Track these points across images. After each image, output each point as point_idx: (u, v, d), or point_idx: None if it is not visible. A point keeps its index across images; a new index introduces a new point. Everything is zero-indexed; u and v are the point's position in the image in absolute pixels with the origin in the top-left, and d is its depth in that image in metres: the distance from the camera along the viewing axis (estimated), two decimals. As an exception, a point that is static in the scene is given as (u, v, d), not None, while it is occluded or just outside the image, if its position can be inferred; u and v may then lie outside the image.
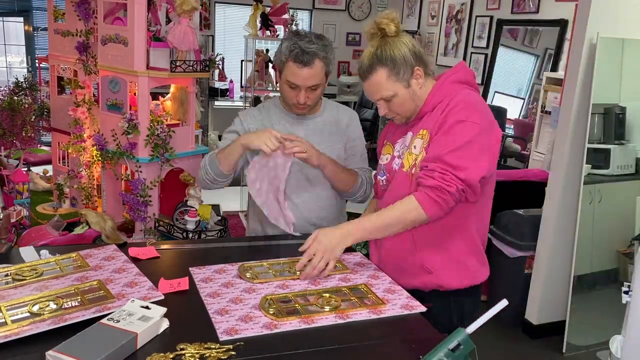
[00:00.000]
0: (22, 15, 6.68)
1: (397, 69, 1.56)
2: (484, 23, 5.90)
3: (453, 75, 1.62)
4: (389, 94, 1.58)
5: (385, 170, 1.70)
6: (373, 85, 1.59)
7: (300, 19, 7.59)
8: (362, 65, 1.60)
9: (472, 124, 1.48)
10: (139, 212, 2.83)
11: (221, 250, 1.77)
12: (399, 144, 1.68)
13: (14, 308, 1.26)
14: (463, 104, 1.51)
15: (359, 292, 1.46)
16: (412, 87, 1.59)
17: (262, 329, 1.24)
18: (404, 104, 1.60)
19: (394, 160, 1.68)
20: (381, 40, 1.58)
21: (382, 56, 1.56)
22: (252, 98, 4.54)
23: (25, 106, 3.69)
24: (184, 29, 2.75)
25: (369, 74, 1.58)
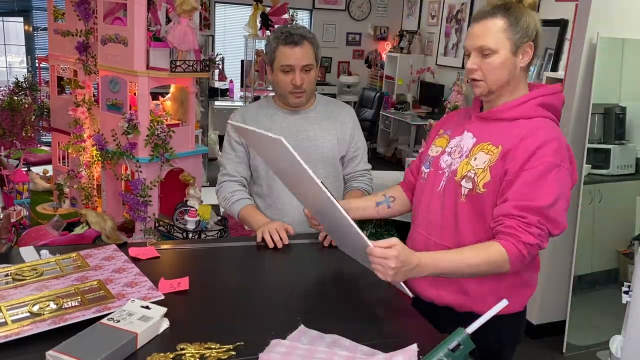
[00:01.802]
0: (22, 15, 6.68)
1: (516, 28, 1.40)
2: (484, 23, 5.90)
3: (543, 97, 1.46)
4: (492, 47, 1.41)
5: (432, 164, 1.57)
6: (484, 29, 1.42)
7: (300, 19, 7.59)
8: (483, 7, 1.45)
9: (566, 170, 1.38)
10: (139, 212, 2.83)
11: (221, 251, 1.77)
12: (454, 141, 1.53)
13: (14, 308, 1.26)
14: (555, 144, 1.37)
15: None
16: (517, 57, 1.43)
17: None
18: (499, 68, 1.42)
19: (442, 156, 1.54)
20: (514, 4, 1.43)
21: (510, 8, 1.41)
22: (252, 98, 4.54)
23: (25, 106, 3.69)
24: (184, 29, 2.75)
25: (486, 17, 1.42)
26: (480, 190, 1.42)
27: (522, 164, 1.36)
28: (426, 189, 1.57)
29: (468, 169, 1.45)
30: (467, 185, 1.44)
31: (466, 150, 1.48)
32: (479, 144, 1.46)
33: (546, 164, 1.35)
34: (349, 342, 1.20)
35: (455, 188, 1.47)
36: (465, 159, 1.47)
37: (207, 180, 5.72)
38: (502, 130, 1.44)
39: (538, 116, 1.43)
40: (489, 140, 1.45)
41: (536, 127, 1.40)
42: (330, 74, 8.08)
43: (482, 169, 1.42)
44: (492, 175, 1.41)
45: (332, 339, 1.20)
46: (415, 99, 7.09)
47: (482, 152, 1.44)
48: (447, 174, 1.50)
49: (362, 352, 1.17)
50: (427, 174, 1.57)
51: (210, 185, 5.71)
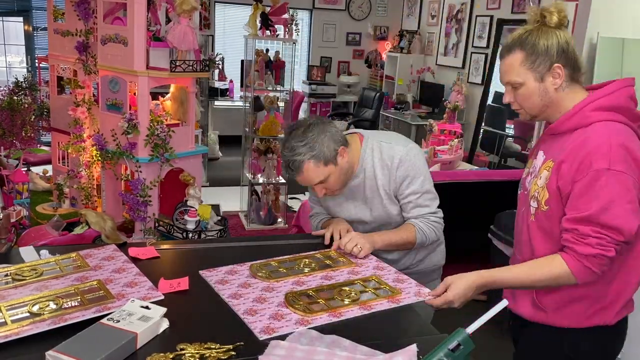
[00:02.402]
0: (22, 15, 6.68)
1: (534, 57, 1.42)
2: (484, 23, 5.90)
3: (599, 100, 1.40)
4: (518, 81, 1.45)
5: (521, 186, 1.61)
6: (506, 65, 1.47)
7: (300, 19, 7.59)
8: (505, 42, 1.50)
9: (618, 173, 1.31)
10: (139, 212, 2.83)
11: (221, 251, 1.77)
12: (534, 162, 1.55)
13: (14, 308, 1.26)
14: (604, 148, 1.32)
15: (373, 283, 1.51)
16: (546, 83, 1.43)
17: (295, 325, 1.26)
18: (530, 97, 1.45)
19: (527, 178, 1.57)
20: (536, 27, 1.45)
21: (525, 40, 1.43)
22: (252, 98, 4.54)
23: (25, 106, 3.69)
24: (184, 29, 2.75)
25: (507, 54, 1.47)
26: (543, 208, 1.44)
27: (573, 177, 1.36)
28: (518, 209, 1.61)
29: (535, 189, 1.47)
30: (534, 204, 1.47)
31: (537, 170, 1.50)
32: (546, 161, 1.47)
33: (593, 172, 1.32)
34: (348, 343, 1.20)
35: (528, 208, 1.51)
36: (535, 179, 1.50)
37: (207, 180, 5.72)
38: (564, 144, 1.42)
39: (596, 121, 1.38)
40: (551, 157, 1.45)
41: (589, 134, 1.37)
42: (330, 74, 8.08)
43: (542, 187, 1.44)
44: (549, 191, 1.42)
45: (332, 339, 1.20)
46: (415, 99, 7.10)
47: (545, 170, 1.45)
48: (526, 194, 1.54)
49: (361, 353, 1.17)
50: (519, 195, 1.62)
51: (210, 185, 5.71)
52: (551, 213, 1.42)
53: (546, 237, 1.46)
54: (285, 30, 4.48)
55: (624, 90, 1.43)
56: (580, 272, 1.36)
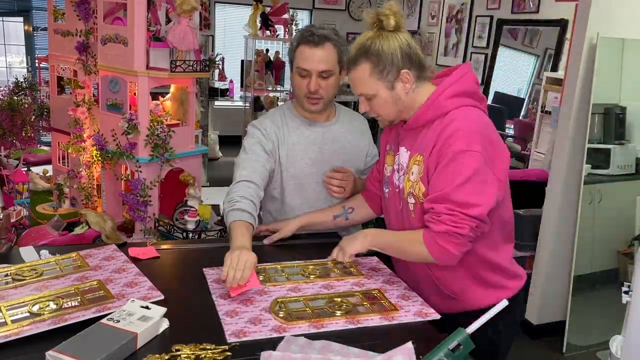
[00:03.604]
0: (22, 15, 6.68)
1: (381, 67, 1.43)
2: (484, 23, 5.90)
3: (450, 89, 1.45)
4: (370, 92, 1.47)
5: (388, 183, 1.61)
6: (355, 79, 1.49)
7: (301, 19, 7.58)
8: (348, 54, 1.51)
9: (473, 153, 1.35)
10: (139, 212, 2.83)
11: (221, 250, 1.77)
12: (397, 158, 1.57)
13: (14, 308, 1.26)
14: (462, 131, 1.37)
15: (372, 297, 1.44)
16: (397, 90, 1.46)
17: (270, 332, 1.23)
18: (384, 106, 1.49)
19: (394, 175, 1.58)
20: (375, 33, 1.45)
21: (369, 49, 1.44)
22: (252, 98, 4.54)
23: (25, 106, 3.69)
24: (184, 29, 2.75)
25: (353, 66, 1.48)
26: (422, 200, 1.45)
27: (436, 162, 1.40)
28: (391, 208, 1.61)
29: (410, 185, 1.48)
30: (411, 200, 1.48)
31: (405, 166, 1.51)
32: (412, 156, 1.49)
33: (451, 154, 1.36)
34: (338, 346, 1.19)
35: (405, 205, 1.51)
36: (406, 176, 1.50)
37: (207, 180, 5.71)
38: (425, 137, 1.45)
39: (453, 109, 1.42)
40: (417, 151, 1.47)
41: (447, 121, 1.40)
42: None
43: (416, 181, 1.46)
44: (424, 184, 1.44)
45: (321, 345, 1.19)
46: (415, 99, 7.08)
47: (415, 165, 1.47)
48: (398, 192, 1.55)
49: (355, 355, 1.16)
50: (388, 193, 1.61)
51: (211, 185, 5.71)
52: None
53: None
54: (285, 30, 4.48)
55: (470, 74, 1.48)
56: (436, 252, 1.38)
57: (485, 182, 1.36)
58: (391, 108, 1.49)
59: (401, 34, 1.45)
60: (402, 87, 1.46)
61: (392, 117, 1.53)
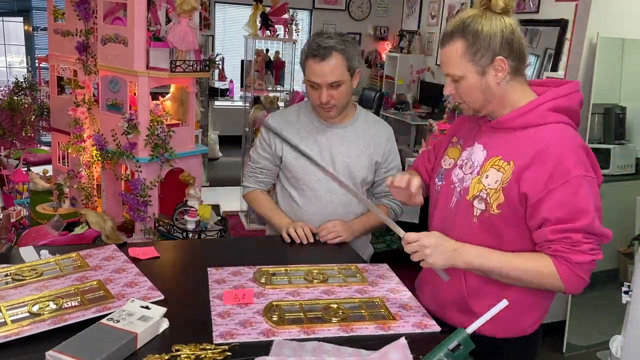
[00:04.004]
0: (22, 15, 6.68)
1: (475, 48, 1.31)
2: (484, 23, 5.90)
3: (557, 100, 1.34)
4: (458, 73, 1.35)
5: (444, 177, 1.50)
6: (446, 55, 1.37)
7: (300, 19, 7.58)
8: (445, 29, 1.38)
9: (592, 179, 1.28)
10: (139, 212, 2.83)
11: (221, 250, 1.77)
12: (466, 153, 1.45)
13: (14, 308, 1.26)
14: (577, 153, 1.28)
15: (372, 305, 1.40)
16: (487, 77, 1.33)
17: (258, 335, 1.23)
18: (471, 92, 1.36)
19: (454, 169, 1.46)
20: (480, 12, 1.34)
21: (467, 27, 1.32)
22: (252, 98, 4.54)
23: (25, 106, 3.69)
24: (184, 29, 2.75)
25: (447, 41, 1.36)
26: (494, 211, 1.34)
27: (546, 185, 1.27)
28: (440, 203, 1.49)
29: (480, 188, 1.36)
30: (480, 206, 1.36)
31: (477, 166, 1.39)
32: (490, 158, 1.37)
33: (573, 180, 1.26)
34: (330, 347, 1.18)
35: (467, 207, 1.39)
36: (477, 177, 1.38)
37: (207, 180, 5.72)
38: (512, 142, 1.35)
39: (550, 122, 1.32)
40: (499, 154, 1.36)
41: (549, 139, 1.30)
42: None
43: (494, 189, 1.33)
44: (505, 196, 1.32)
45: (313, 346, 1.18)
46: (415, 99, 7.09)
47: (494, 168, 1.35)
48: (458, 190, 1.43)
49: (348, 355, 1.16)
50: (440, 187, 1.50)
51: (211, 185, 5.71)
52: (504, 217, 1.33)
53: (491, 240, 1.36)
54: (285, 30, 4.48)
55: (577, 94, 1.38)
56: (571, 281, 1.30)
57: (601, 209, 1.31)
58: (478, 95, 1.36)
59: (508, 18, 1.33)
60: (494, 75, 1.34)
61: (478, 105, 1.39)
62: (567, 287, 1.31)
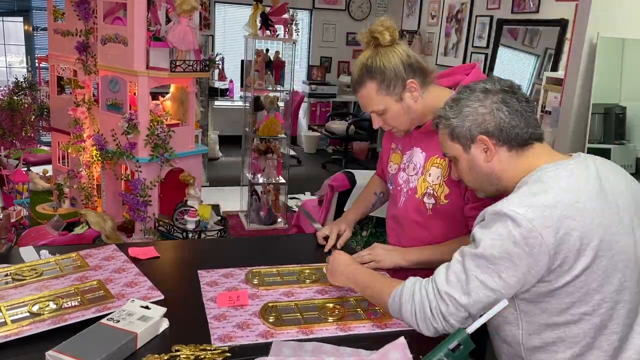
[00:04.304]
0: (22, 15, 6.67)
1: (386, 82, 1.48)
2: (484, 23, 5.90)
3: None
4: (380, 108, 1.52)
5: (392, 182, 1.69)
6: (363, 98, 1.54)
7: (301, 19, 7.58)
8: (352, 77, 1.55)
9: None
10: (139, 212, 2.83)
11: (221, 250, 1.77)
12: (406, 157, 1.64)
13: (14, 308, 1.26)
14: None
15: (367, 303, 1.41)
16: (406, 100, 1.51)
17: (257, 337, 1.22)
18: (397, 118, 1.54)
19: (399, 173, 1.65)
20: (373, 51, 1.50)
21: (371, 68, 1.49)
22: (252, 98, 4.54)
23: (25, 106, 3.69)
24: (184, 29, 2.75)
25: (359, 87, 1.53)
26: (443, 202, 1.54)
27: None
28: (391, 204, 1.71)
29: (426, 186, 1.56)
30: (430, 201, 1.55)
31: (420, 167, 1.58)
32: (430, 158, 1.57)
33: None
34: (330, 347, 1.18)
35: (418, 205, 1.58)
36: (422, 176, 1.57)
37: (207, 180, 5.71)
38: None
39: None
40: (436, 154, 1.54)
41: None
42: (330, 74, 8.08)
43: (438, 184, 1.54)
44: (449, 187, 1.52)
45: (313, 347, 1.18)
46: (415, 99, 7.08)
47: (434, 167, 1.55)
48: (405, 191, 1.62)
49: (347, 355, 1.16)
50: (392, 190, 1.70)
51: (210, 185, 5.71)
52: (451, 205, 1.53)
53: (446, 224, 1.55)
54: (285, 30, 4.48)
55: (483, 76, 1.52)
56: None
57: None
58: (404, 118, 1.54)
59: (398, 46, 1.50)
60: (410, 96, 1.51)
61: (406, 126, 1.57)
62: None
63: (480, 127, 1.25)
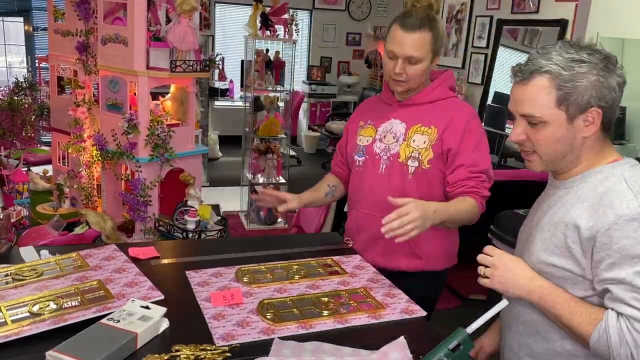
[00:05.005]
0: (22, 15, 6.68)
1: (436, 41, 1.66)
2: (484, 23, 5.90)
3: (448, 81, 1.78)
4: (419, 56, 1.64)
5: (366, 152, 1.78)
6: (415, 41, 1.63)
7: (301, 19, 7.59)
8: (414, 16, 1.64)
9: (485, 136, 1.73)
10: (139, 212, 2.83)
11: (221, 251, 1.77)
12: (382, 129, 1.77)
13: (14, 308, 1.26)
14: (477, 118, 1.74)
15: (358, 295, 1.44)
16: (432, 64, 1.70)
17: (259, 334, 1.23)
18: (420, 73, 1.68)
19: (375, 144, 1.77)
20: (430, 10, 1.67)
21: (433, 22, 1.65)
22: (252, 98, 4.54)
23: (25, 106, 3.69)
24: (184, 29, 2.75)
25: (417, 30, 1.63)
26: (425, 166, 1.69)
27: (460, 139, 1.67)
28: (366, 174, 1.77)
29: (410, 150, 1.70)
30: (413, 164, 1.69)
31: (400, 135, 1.73)
32: (411, 127, 1.72)
33: (478, 135, 1.70)
34: (330, 347, 1.18)
35: (400, 169, 1.71)
36: (405, 142, 1.71)
37: (207, 180, 5.72)
38: (427, 113, 1.72)
39: (449, 97, 1.75)
40: (419, 123, 1.72)
41: (456, 108, 1.72)
42: (330, 74, 8.08)
43: (424, 148, 1.69)
44: (434, 152, 1.68)
45: (314, 347, 1.18)
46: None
47: (418, 134, 1.71)
48: (385, 158, 1.73)
49: (348, 355, 1.16)
50: (362, 161, 1.79)
51: (211, 185, 5.71)
52: (433, 169, 1.69)
53: (425, 191, 1.69)
54: (285, 30, 4.48)
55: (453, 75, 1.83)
56: (480, 210, 1.67)
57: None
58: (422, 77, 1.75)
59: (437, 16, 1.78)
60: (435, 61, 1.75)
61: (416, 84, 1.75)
62: (478, 215, 1.68)
63: (600, 100, 1.16)
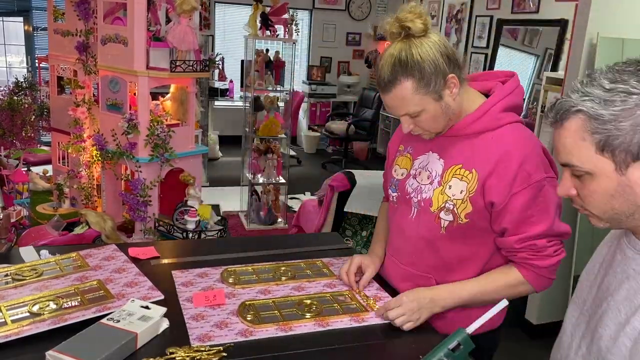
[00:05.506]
0: (22, 15, 6.68)
1: (426, 80, 1.25)
2: (484, 23, 5.90)
3: (504, 100, 1.33)
4: (416, 110, 1.28)
5: (398, 187, 1.46)
6: (396, 99, 1.28)
7: (300, 19, 7.59)
8: (381, 74, 1.28)
9: (551, 180, 1.29)
10: (139, 212, 2.83)
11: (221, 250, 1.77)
12: (418, 162, 1.42)
13: (14, 308, 1.26)
14: (534, 156, 1.28)
15: (343, 298, 1.42)
16: (445, 99, 1.28)
17: (236, 335, 1.22)
18: (434, 120, 1.31)
19: (408, 180, 1.43)
20: (405, 43, 1.26)
21: (406, 63, 1.24)
22: (252, 98, 4.54)
23: (25, 106, 3.69)
24: (184, 29, 2.75)
25: (391, 86, 1.27)
26: (462, 221, 1.33)
27: (509, 190, 1.27)
28: (397, 214, 1.48)
29: (445, 199, 1.34)
30: (447, 217, 1.34)
31: (436, 176, 1.37)
32: (449, 167, 1.35)
33: (534, 184, 1.27)
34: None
35: (432, 219, 1.37)
36: (439, 187, 1.35)
37: (207, 180, 5.72)
38: (470, 149, 1.33)
39: (504, 124, 1.32)
40: (458, 163, 1.34)
41: (508, 143, 1.29)
42: (330, 74, 8.08)
43: (460, 199, 1.32)
44: (473, 206, 1.31)
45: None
46: (415, 99, 7.08)
47: (456, 178, 1.33)
48: (416, 201, 1.40)
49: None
50: (396, 197, 1.48)
51: (210, 185, 5.71)
52: (471, 225, 1.33)
53: (460, 246, 1.37)
54: (285, 30, 4.48)
55: (520, 87, 1.37)
56: (540, 283, 1.35)
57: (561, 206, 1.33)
58: (441, 120, 1.32)
59: (432, 35, 1.27)
60: (450, 93, 1.29)
61: (441, 128, 1.34)
62: (537, 289, 1.37)
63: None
